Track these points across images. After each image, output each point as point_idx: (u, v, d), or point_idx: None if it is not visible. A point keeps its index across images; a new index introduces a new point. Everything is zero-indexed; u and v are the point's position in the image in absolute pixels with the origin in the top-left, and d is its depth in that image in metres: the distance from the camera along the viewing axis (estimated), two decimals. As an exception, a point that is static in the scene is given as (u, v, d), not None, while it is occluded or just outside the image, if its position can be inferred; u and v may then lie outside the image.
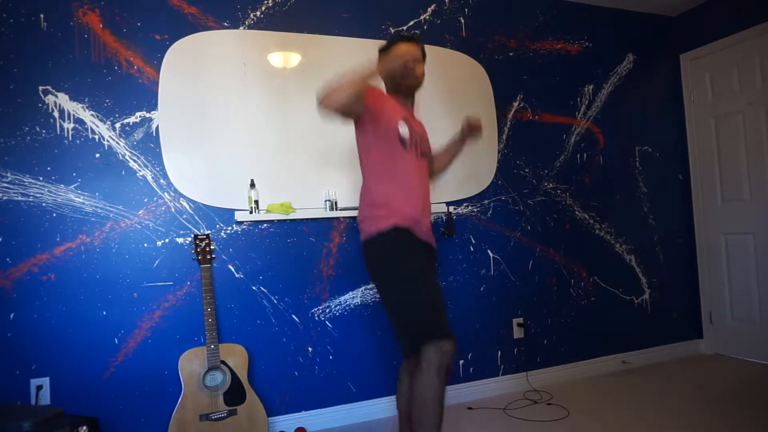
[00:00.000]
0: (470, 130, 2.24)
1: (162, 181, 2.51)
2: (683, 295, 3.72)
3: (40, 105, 2.34)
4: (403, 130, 1.90)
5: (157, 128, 2.51)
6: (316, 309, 2.71)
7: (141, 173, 2.48)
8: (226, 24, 2.65)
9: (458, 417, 2.75)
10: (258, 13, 2.71)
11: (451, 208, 3.02)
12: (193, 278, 2.51)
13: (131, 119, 2.48)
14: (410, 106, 2.07)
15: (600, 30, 3.54)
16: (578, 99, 3.46)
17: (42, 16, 2.36)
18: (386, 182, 1.91)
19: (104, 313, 2.38)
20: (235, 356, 2.40)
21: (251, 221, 2.62)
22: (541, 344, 3.24)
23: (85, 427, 2.03)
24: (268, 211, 2.60)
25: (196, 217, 2.56)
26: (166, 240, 2.50)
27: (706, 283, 3.70)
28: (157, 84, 2.51)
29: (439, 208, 2.96)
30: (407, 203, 1.89)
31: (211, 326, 2.34)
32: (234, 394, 2.35)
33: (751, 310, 3.42)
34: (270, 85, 2.69)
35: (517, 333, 3.17)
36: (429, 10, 3.07)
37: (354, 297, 2.80)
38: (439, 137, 3.05)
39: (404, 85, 1.99)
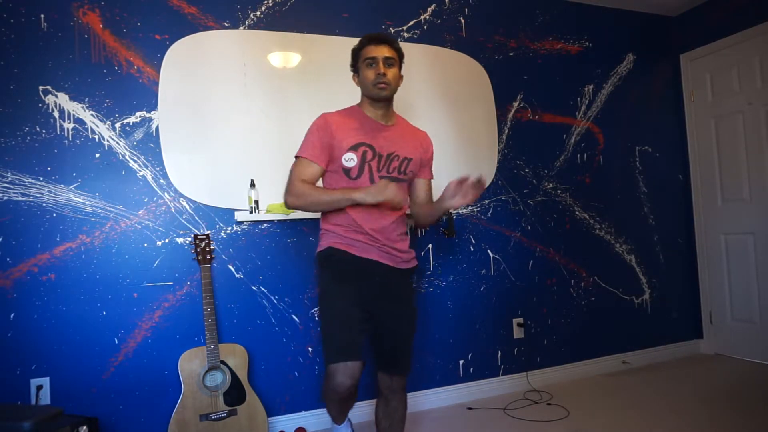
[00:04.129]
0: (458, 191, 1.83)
1: (162, 181, 2.51)
2: (683, 295, 3.72)
3: (40, 105, 2.34)
4: (349, 162, 1.84)
5: (157, 128, 2.51)
6: (316, 309, 2.71)
7: (141, 173, 2.48)
8: (226, 24, 2.65)
9: (458, 417, 2.75)
10: (258, 13, 2.71)
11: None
12: (193, 278, 2.51)
13: (131, 119, 2.48)
14: (384, 113, 1.94)
15: (600, 30, 3.54)
16: (578, 99, 3.46)
17: (42, 16, 2.36)
18: (334, 212, 1.90)
19: (104, 313, 2.38)
20: (235, 356, 2.40)
21: (251, 221, 2.62)
22: (541, 344, 3.24)
23: (85, 427, 2.03)
24: (268, 211, 2.60)
25: (196, 217, 2.56)
26: (166, 240, 2.50)
27: (706, 283, 3.70)
28: (157, 84, 2.51)
29: (439, 208, 2.96)
30: (350, 228, 1.86)
31: (211, 326, 2.34)
32: (234, 394, 2.35)
33: (751, 310, 3.42)
34: (270, 85, 2.69)
35: (517, 333, 3.17)
36: (429, 10, 3.07)
37: (354, 297, 2.80)
38: (439, 137, 3.05)
39: (378, 97, 1.89)
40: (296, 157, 1.90)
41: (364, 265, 1.86)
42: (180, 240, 2.52)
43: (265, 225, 2.65)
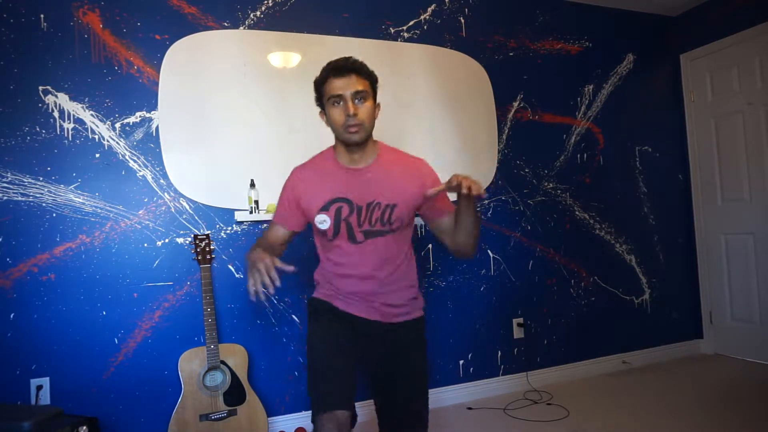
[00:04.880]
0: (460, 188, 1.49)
1: (162, 181, 2.51)
2: (683, 295, 3.72)
3: (40, 105, 2.34)
4: (322, 224, 1.63)
5: (157, 128, 2.51)
6: (316, 309, 2.71)
7: (141, 173, 2.48)
8: (226, 24, 2.65)
9: (458, 417, 2.75)
10: (258, 13, 2.71)
11: (451, 208, 3.02)
12: (193, 278, 2.51)
13: (131, 119, 2.48)
14: (361, 155, 1.65)
15: (600, 30, 3.54)
16: (578, 99, 3.46)
17: (42, 16, 2.36)
18: (321, 264, 1.78)
19: (104, 313, 2.38)
20: (235, 356, 2.40)
21: (251, 221, 2.62)
22: (541, 344, 3.24)
23: (85, 427, 2.03)
24: (268, 211, 2.60)
25: (196, 217, 2.56)
26: (166, 240, 2.50)
27: (706, 283, 3.70)
28: (157, 84, 2.51)
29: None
30: (332, 288, 1.71)
31: (210, 326, 2.34)
32: (234, 394, 2.35)
33: (751, 310, 3.42)
34: (270, 85, 2.69)
35: (517, 333, 3.17)
36: (429, 10, 3.07)
37: (354, 297, 2.80)
38: (439, 138, 3.07)
39: (351, 143, 1.60)
40: None
41: (349, 317, 1.68)
42: (180, 240, 2.52)
43: (265, 225, 2.65)
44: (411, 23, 3.02)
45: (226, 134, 2.62)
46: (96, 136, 2.42)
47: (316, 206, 1.64)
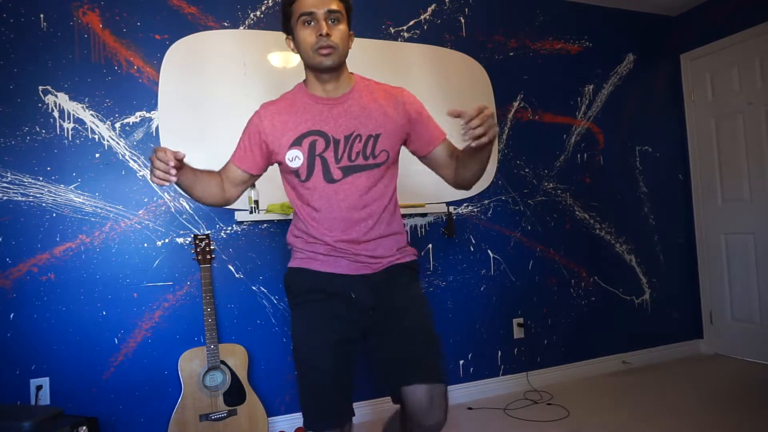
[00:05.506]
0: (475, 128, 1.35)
1: (162, 181, 2.51)
2: (683, 295, 3.72)
3: (40, 105, 2.34)
4: (294, 160, 1.45)
5: (157, 128, 2.51)
6: (316, 309, 2.71)
7: (141, 173, 2.48)
8: (226, 24, 2.65)
9: (458, 417, 2.75)
10: (258, 12, 2.71)
11: (452, 208, 3.02)
12: (193, 278, 2.51)
13: (131, 119, 2.48)
14: (335, 84, 1.48)
15: (600, 30, 3.54)
16: (578, 99, 3.46)
17: (42, 15, 2.36)
18: (295, 220, 1.57)
19: (104, 313, 2.38)
20: (235, 356, 2.40)
21: (251, 221, 2.61)
22: (541, 344, 3.24)
23: (85, 427, 2.03)
24: (268, 211, 2.60)
25: (195, 217, 2.56)
26: (166, 240, 2.50)
27: (706, 283, 3.69)
28: (157, 84, 2.51)
29: (439, 208, 2.96)
30: (308, 245, 1.51)
31: (210, 326, 2.33)
32: (234, 394, 2.35)
33: (751, 310, 3.42)
34: (270, 85, 2.69)
35: (517, 333, 3.17)
36: (429, 10, 3.07)
37: (354, 297, 2.79)
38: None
39: (322, 67, 1.43)
40: None
41: (333, 282, 1.47)
42: (180, 240, 2.52)
43: (265, 225, 2.65)
44: (411, 23, 3.02)
45: (226, 134, 2.61)
46: (96, 136, 2.42)
47: (287, 142, 1.45)
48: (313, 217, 1.48)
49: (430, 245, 2.98)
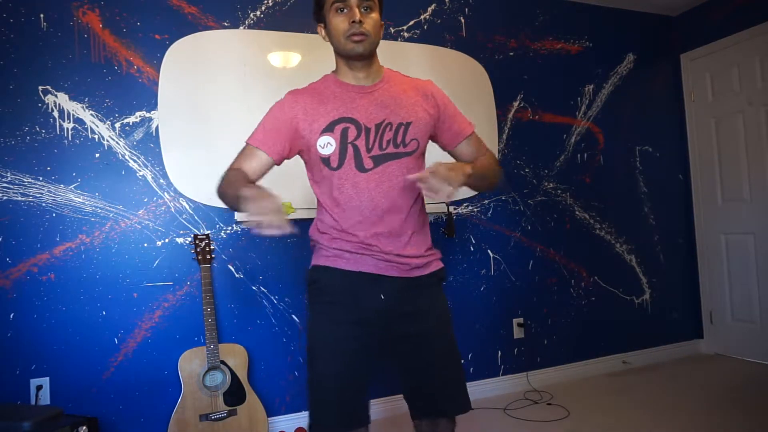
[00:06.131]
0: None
1: (162, 181, 2.51)
2: (683, 295, 3.72)
3: (40, 105, 2.34)
4: (326, 147, 1.39)
5: (157, 128, 2.51)
6: (316, 309, 2.71)
7: (141, 173, 2.48)
8: (226, 24, 2.65)
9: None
10: (258, 12, 2.71)
11: (451, 208, 3.02)
12: (193, 278, 2.51)
13: (131, 119, 2.48)
14: (367, 73, 1.48)
15: (600, 30, 3.54)
16: (578, 99, 3.46)
17: (42, 16, 2.36)
18: (320, 215, 1.48)
19: (104, 313, 2.38)
20: (235, 356, 2.40)
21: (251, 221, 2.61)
22: (541, 344, 3.24)
23: (85, 427, 2.03)
24: (268, 211, 2.59)
25: (195, 217, 2.55)
26: (166, 240, 2.50)
27: (706, 283, 3.69)
28: (156, 84, 2.51)
29: (438, 208, 2.96)
30: (335, 241, 1.43)
31: (210, 326, 2.33)
32: (234, 394, 2.35)
33: (751, 310, 3.42)
34: (270, 85, 2.69)
35: (517, 333, 3.17)
36: (429, 10, 3.07)
37: (354, 297, 2.80)
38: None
39: (354, 54, 1.43)
40: (245, 142, 1.48)
41: (359, 283, 1.41)
42: (180, 240, 2.52)
43: (265, 225, 2.65)
44: (411, 23, 3.02)
45: (226, 134, 2.61)
46: (96, 136, 2.42)
47: (318, 128, 1.39)
48: (343, 209, 1.41)
49: (430, 245, 2.98)
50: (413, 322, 1.43)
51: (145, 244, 2.47)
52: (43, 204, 2.32)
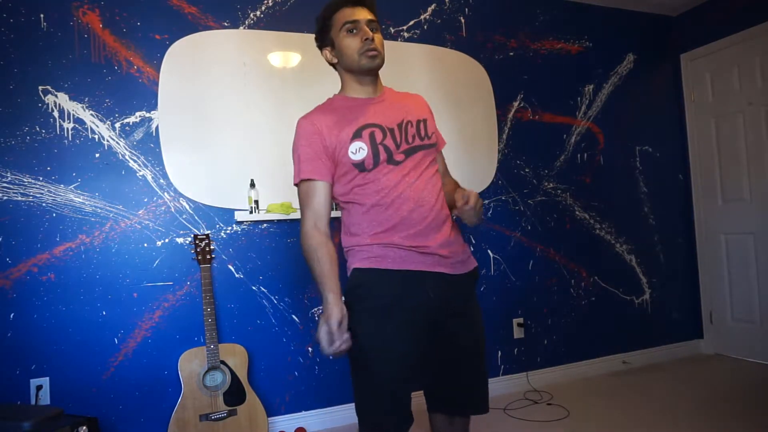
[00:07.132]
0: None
1: (162, 181, 2.51)
2: (683, 295, 3.72)
3: (40, 105, 2.34)
4: (358, 152, 1.43)
5: (157, 128, 2.51)
6: (316, 309, 2.71)
7: (141, 173, 2.48)
8: (226, 24, 2.65)
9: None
10: (258, 12, 2.71)
11: (451, 208, 3.02)
12: (193, 278, 2.51)
13: (131, 119, 2.48)
14: (374, 87, 1.55)
15: (600, 30, 3.54)
16: (578, 99, 3.46)
17: (42, 15, 2.36)
18: (349, 220, 1.50)
19: (104, 313, 2.38)
20: (235, 356, 2.40)
21: (251, 221, 2.61)
22: (541, 344, 3.24)
23: (85, 427, 2.03)
24: (268, 211, 2.60)
25: (196, 217, 2.56)
26: (166, 240, 2.50)
27: (706, 283, 3.69)
28: (156, 84, 2.51)
29: (439, 208, 2.96)
30: (376, 240, 1.44)
31: (210, 326, 2.34)
32: (234, 394, 2.35)
33: (751, 310, 3.42)
34: (270, 85, 2.69)
35: (517, 333, 3.17)
36: (429, 10, 3.07)
37: (354, 297, 2.80)
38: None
39: (370, 68, 1.50)
40: (295, 185, 1.50)
41: (405, 283, 1.42)
42: (180, 240, 2.52)
43: (265, 225, 2.65)
44: (411, 23, 3.02)
45: (226, 134, 2.61)
46: (96, 136, 2.42)
47: (347, 136, 1.44)
48: (384, 207, 1.44)
49: (430, 245, 2.98)
50: (455, 319, 1.47)
51: (145, 244, 2.47)
52: (43, 204, 2.32)
